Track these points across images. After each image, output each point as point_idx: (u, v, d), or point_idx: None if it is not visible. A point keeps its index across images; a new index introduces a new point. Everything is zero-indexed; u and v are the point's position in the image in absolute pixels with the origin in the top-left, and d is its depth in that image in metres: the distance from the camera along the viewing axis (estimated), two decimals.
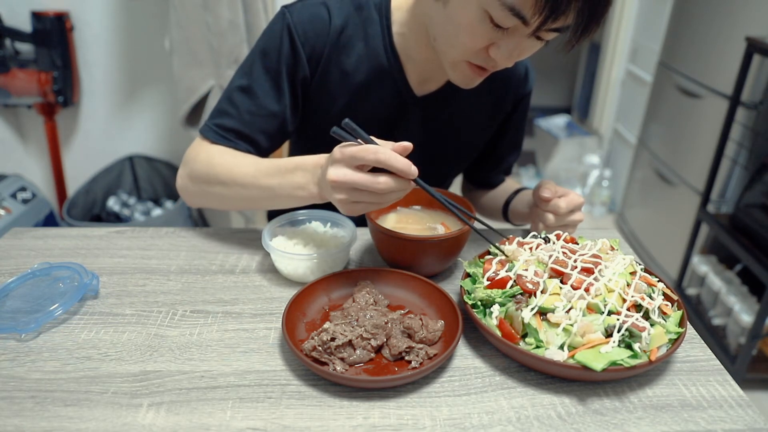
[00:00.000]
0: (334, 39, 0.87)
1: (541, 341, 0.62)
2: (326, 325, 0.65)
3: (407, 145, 0.66)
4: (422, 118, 0.95)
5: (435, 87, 0.94)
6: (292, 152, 1.07)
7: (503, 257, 0.73)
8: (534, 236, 0.77)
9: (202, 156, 0.86)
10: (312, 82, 0.90)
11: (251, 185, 0.81)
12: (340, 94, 0.90)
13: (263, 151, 0.91)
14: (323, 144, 0.94)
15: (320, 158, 0.74)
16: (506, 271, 0.69)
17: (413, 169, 0.64)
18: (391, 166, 0.63)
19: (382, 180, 0.64)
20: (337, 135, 0.67)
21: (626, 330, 0.60)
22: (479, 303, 0.68)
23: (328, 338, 0.63)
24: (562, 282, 0.66)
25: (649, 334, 0.61)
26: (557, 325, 0.62)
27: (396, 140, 0.99)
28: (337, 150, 0.66)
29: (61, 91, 1.95)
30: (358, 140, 0.67)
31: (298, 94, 0.90)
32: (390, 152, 0.63)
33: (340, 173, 0.65)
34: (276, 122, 0.89)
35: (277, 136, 0.91)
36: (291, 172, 0.77)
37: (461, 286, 0.72)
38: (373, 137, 0.67)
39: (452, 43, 0.76)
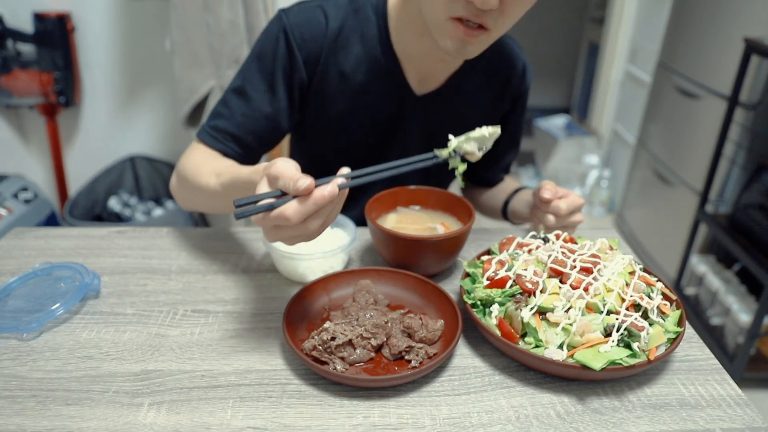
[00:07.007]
0: (331, 41, 0.87)
1: (541, 340, 0.62)
2: (326, 324, 0.65)
3: (309, 184, 0.55)
4: (422, 117, 0.96)
5: (434, 86, 0.94)
6: (293, 153, 1.07)
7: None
8: (533, 237, 0.77)
9: (189, 161, 0.88)
10: (311, 85, 0.90)
11: (215, 195, 0.80)
12: (340, 96, 0.91)
13: (254, 152, 0.92)
14: (324, 145, 0.94)
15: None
16: (506, 271, 0.69)
17: (306, 184, 0.54)
18: (294, 192, 0.55)
19: (287, 209, 0.55)
20: (241, 215, 0.57)
21: (625, 329, 0.61)
22: (479, 302, 0.68)
23: (329, 337, 0.63)
24: (561, 281, 0.66)
25: (647, 334, 0.61)
26: (556, 324, 0.62)
27: (396, 140, 0.99)
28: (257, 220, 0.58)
29: (63, 92, 1.95)
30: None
31: (295, 96, 0.90)
32: (289, 185, 0.55)
33: (266, 234, 0.59)
34: (268, 124, 0.90)
35: (270, 138, 0.92)
36: (243, 186, 0.71)
37: (461, 285, 0.72)
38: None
39: (432, 2, 0.74)
